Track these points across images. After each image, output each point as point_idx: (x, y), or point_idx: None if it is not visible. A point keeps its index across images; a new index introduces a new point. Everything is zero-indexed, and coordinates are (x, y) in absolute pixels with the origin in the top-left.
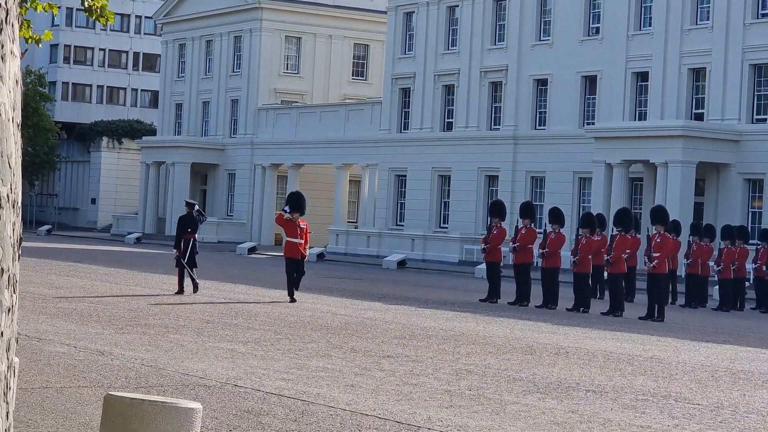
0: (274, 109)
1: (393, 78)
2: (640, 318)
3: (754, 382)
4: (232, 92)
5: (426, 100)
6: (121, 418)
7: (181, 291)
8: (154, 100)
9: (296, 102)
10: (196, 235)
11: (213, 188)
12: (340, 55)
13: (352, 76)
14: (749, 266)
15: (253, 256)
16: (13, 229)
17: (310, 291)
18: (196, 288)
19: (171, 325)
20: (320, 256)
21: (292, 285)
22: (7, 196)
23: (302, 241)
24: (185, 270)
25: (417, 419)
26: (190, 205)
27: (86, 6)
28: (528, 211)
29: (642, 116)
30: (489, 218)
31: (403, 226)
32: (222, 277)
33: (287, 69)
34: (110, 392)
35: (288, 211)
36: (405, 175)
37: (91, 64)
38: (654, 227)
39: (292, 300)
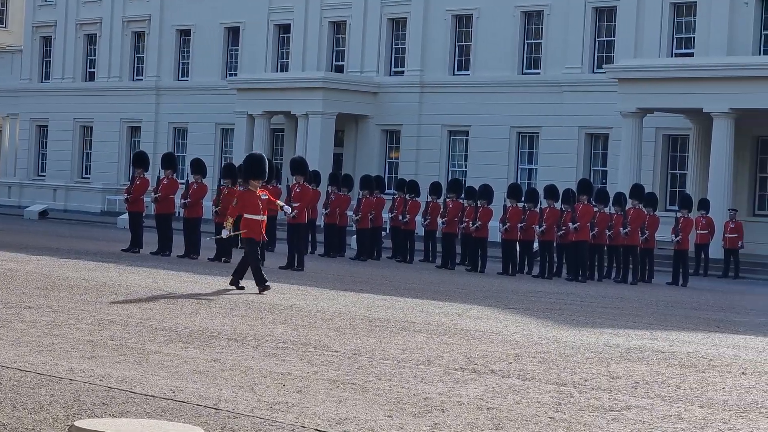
0: None
1: (33, 26)
2: (280, 267)
3: (390, 329)
4: None
5: (68, 50)
6: None
7: None
8: None
9: None
10: None
11: None
12: None
13: None
14: (385, 216)
15: None
16: None
17: None
18: None
19: None
20: None
21: (259, 273)
22: None
23: (264, 218)
24: None
25: (59, 370)
26: None
27: None
28: (169, 161)
29: (284, 68)
30: (132, 169)
31: (44, 176)
32: None
33: None
34: None
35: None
36: (47, 126)
37: None
38: (294, 178)
39: (265, 288)
